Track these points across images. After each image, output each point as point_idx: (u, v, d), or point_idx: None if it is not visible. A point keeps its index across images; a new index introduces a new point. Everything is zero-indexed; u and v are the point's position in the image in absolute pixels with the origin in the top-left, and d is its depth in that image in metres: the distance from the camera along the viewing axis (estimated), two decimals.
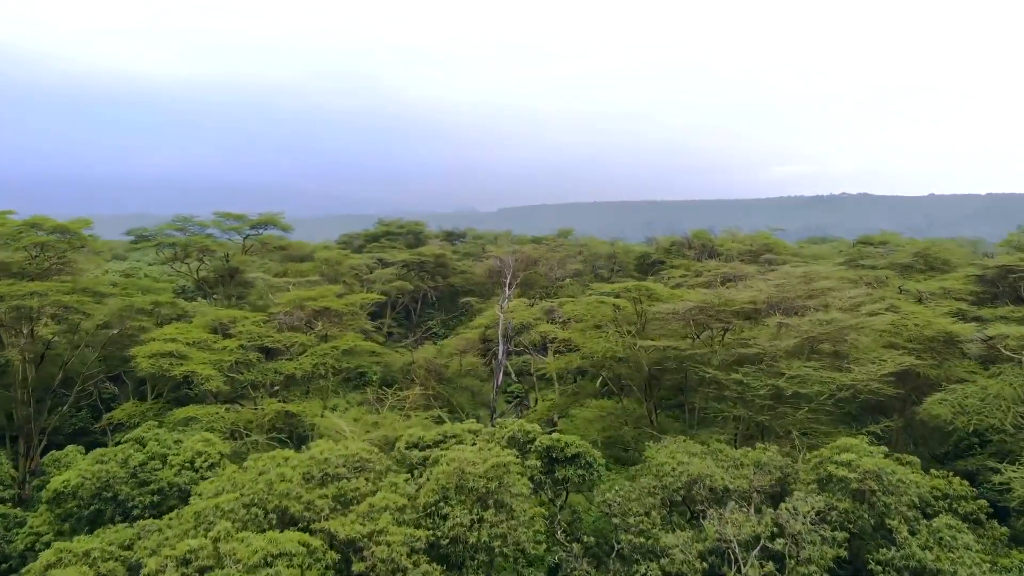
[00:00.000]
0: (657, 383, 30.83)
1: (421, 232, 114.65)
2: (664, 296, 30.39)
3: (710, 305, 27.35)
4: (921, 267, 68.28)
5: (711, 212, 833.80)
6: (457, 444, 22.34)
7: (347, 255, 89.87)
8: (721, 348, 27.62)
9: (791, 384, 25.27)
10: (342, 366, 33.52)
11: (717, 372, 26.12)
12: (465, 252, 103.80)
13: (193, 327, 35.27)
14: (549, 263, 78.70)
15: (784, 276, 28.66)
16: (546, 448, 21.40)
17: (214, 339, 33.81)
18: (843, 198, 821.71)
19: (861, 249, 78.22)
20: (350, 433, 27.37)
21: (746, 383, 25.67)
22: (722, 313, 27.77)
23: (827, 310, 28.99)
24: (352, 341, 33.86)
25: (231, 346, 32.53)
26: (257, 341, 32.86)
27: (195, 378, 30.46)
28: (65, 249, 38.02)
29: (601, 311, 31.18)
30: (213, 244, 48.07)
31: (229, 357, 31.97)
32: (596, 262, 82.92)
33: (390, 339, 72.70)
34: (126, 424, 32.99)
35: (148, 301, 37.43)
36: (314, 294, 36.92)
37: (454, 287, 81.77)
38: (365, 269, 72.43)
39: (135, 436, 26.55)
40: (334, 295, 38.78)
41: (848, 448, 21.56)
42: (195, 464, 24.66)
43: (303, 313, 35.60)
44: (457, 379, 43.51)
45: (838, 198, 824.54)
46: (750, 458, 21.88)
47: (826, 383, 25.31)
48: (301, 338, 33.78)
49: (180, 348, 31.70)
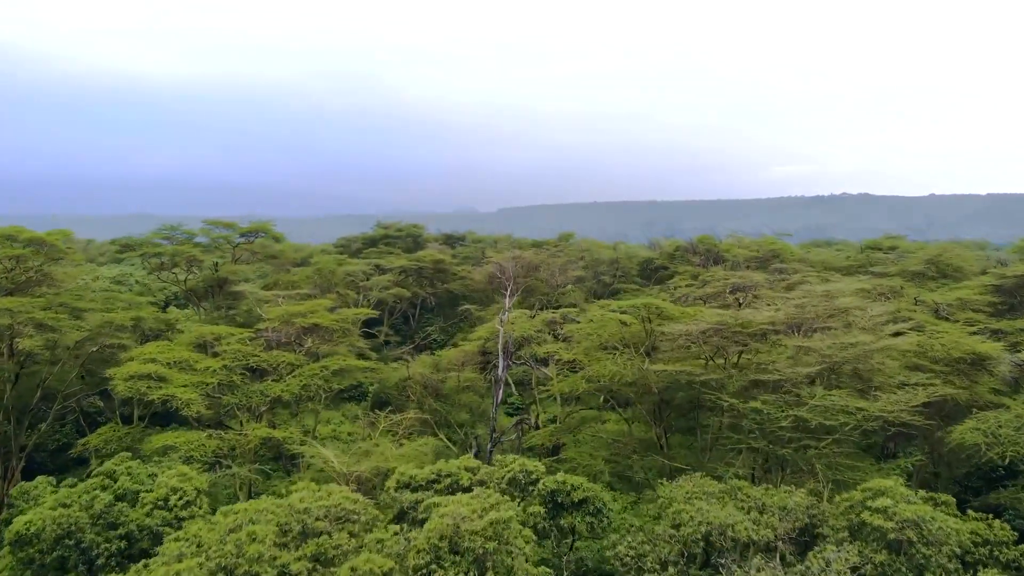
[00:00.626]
0: (667, 406, 28.90)
1: (420, 235, 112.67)
2: (675, 315, 28.45)
3: (726, 326, 25.40)
4: (933, 274, 66.40)
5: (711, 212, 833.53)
6: (452, 483, 20.42)
7: (344, 260, 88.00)
8: (737, 373, 25.67)
9: (815, 415, 23.33)
10: (333, 387, 31.58)
11: (734, 401, 24.18)
12: (464, 256, 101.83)
13: (176, 345, 33.36)
14: (550, 269, 76.71)
15: (805, 295, 26.65)
16: (551, 492, 19.49)
17: (197, 358, 31.88)
18: (843, 198, 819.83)
19: (870, 255, 76.35)
20: (338, 464, 25.42)
21: (766, 413, 23.75)
22: (739, 335, 25.82)
23: (850, 329, 27.07)
24: (342, 361, 31.91)
25: (214, 366, 30.60)
26: (242, 361, 30.91)
27: (174, 402, 28.51)
28: (42, 263, 36.09)
29: (608, 330, 29.25)
30: (201, 253, 46.16)
31: (212, 379, 30.03)
32: (598, 268, 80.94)
33: (387, 347, 70.84)
34: (102, 450, 31.09)
35: (128, 317, 35.50)
36: (303, 309, 34.97)
37: (453, 293, 79.84)
38: (362, 276, 70.55)
39: (106, 470, 24.64)
40: (325, 309, 36.82)
41: (883, 491, 19.63)
42: (169, 503, 22.74)
43: (292, 329, 33.65)
44: (455, 395, 41.55)
45: (838, 198, 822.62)
46: (774, 501, 19.94)
47: (854, 414, 23.37)
48: (289, 357, 31.83)
49: (159, 370, 29.78)
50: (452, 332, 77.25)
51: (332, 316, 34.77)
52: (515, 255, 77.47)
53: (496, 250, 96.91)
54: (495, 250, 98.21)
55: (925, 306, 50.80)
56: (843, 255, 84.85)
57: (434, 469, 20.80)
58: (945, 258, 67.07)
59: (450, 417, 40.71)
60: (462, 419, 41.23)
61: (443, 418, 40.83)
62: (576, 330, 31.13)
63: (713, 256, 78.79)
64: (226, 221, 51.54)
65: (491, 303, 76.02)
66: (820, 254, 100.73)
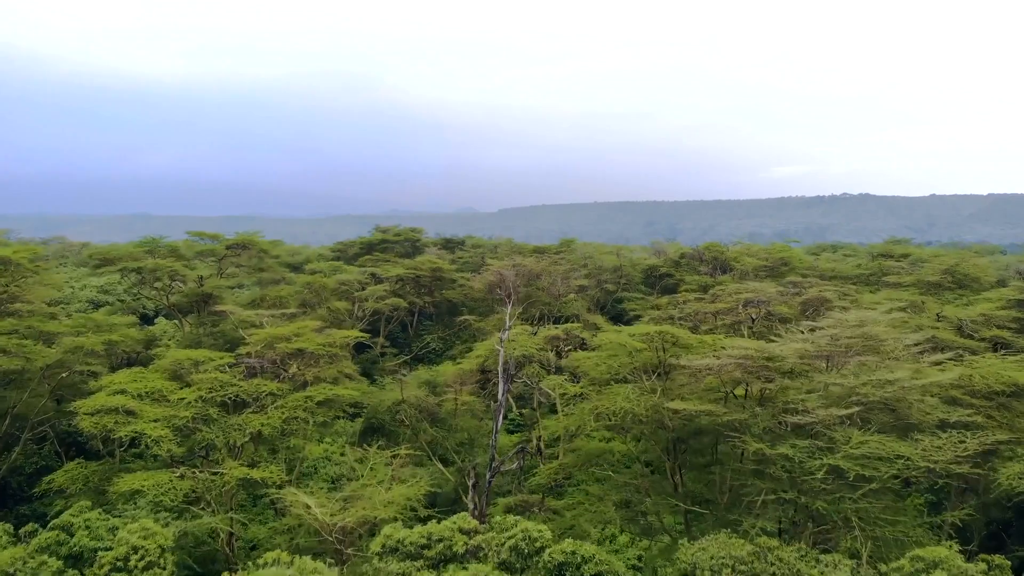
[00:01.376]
0: (683, 444, 26.40)
1: (418, 240, 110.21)
2: (692, 343, 25.94)
3: (752, 360, 22.91)
4: (949, 284, 64.00)
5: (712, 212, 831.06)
6: (445, 550, 17.93)
7: (340, 266, 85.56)
8: (762, 411, 23.16)
9: (853, 464, 20.84)
10: (318, 420, 29.07)
11: (762, 446, 21.67)
12: (464, 261, 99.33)
13: (150, 372, 30.85)
14: (552, 277, 74.22)
15: (836, 324, 24.15)
16: (558, 565, 17.01)
17: (172, 388, 29.38)
18: (844, 198, 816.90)
19: (882, 263, 73.98)
20: (320, 513, 22.94)
21: (797, 461, 21.25)
22: (765, 370, 23.33)
23: (886, 362, 24.58)
24: (328, 391, 29.40)
25: (189, 398, 28.09)
26: (219, 392, 28.39)
27: (143, 440, 26.02)
28: (7, 284, 33.61)
29: (618, 359, 26.76)
30: (183, 267, 43.62)
31: (185, 413, 27.52)
32: (601, 275, 78.43)
33: (383, 358, 68.37)
34: (68, 490, 28.60)
35: (100, 341, 33.02)
36: (288, 332, 32.44)
37: (452, 302, 77.35)
38: (357, 285, 68.08)
39: (63, 522, 22.17)
40: (312, 330, 34.31)
41: (937, 563, 17.15)
42: (129, 563, 20.25)
43: (275, 354, 31.15)
44: (452, 419, 39.07)
45: (839, 198, 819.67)
46: (813, 575, 17.47)
47: (896, 463, 20.88)
48: (270, 386, 29.31)
49: (128, 403, 27.28)
50: (451, 342, 74.82)
51: (319, 339, 32.24)
52: (515, 263, 75.12)
53: (496, 256, 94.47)
54: (495, 256, 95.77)
55: (947, 321, 48.44)
56: (853, 262, 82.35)
57: (425, 532, 18.35)
58: (962, 268, 64.72)
59: (447, 443, 38.23)
60: (460, 442, 38.77)
61: (439, 444, 38.36)
62: (584, 358, 28.63)
63: (720, 264, 76.31)
64: (211, 232, 48.99)
65: (491, 313, 73.58)
66: (829, 260, 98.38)
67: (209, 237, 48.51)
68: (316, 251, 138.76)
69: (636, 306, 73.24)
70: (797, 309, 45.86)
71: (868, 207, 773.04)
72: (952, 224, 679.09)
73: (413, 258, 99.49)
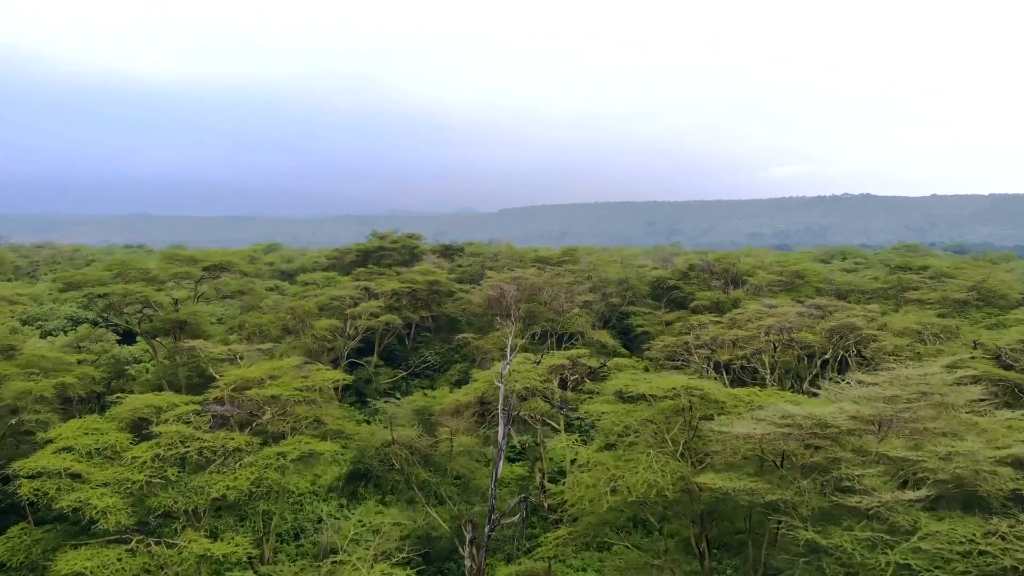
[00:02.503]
0: (712, 518, 22.80)
1: (416, 247, 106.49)
2: (723, 399, 22.33)
3: (800, 428, 19.34)
4: (976, 302, 60.50)
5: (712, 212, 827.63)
6: None
7: (333, 277, 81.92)
8: (811, 488, 19.55)
9: (924, 563, 17.28)
10: (289, 487, 25.45)
11: (814, 535, 18.08)
12: (463, 270, 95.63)
13: (105, 423, 27.25)
14: (554, 289, 70.62)
15: (894, 381, 20.55)
16: None
17: (126, 442, 25.81)
18: (845, 198, 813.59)
19: (901, 277, 70.35)
20: None
21: (858, 554, 17.69)
22: (814, 437, 19.75)
23: (947, 424, 21.00)
24: (305, 445, 25.80)
25: (145, 457, 24.50)
26: (178, 450, 24.79)
27: (87, 511, 22.43)
28: None
29: (637, 414, 23.19)
30: (155, 292, 39.95)
31: (139, 475, 23.94)
32: (606, 288, 74.77)
33: (377, 377, 64.78)
34: (8, 564, 24.99)
35: (52, 386, 29.45)
36: (263, 372, 28.84)
37: (450, 316, 73.73)
38: (349, 301, 64.48)
39: None
40: (292, 367, 30.73)
41: None
42: None
43: (246, 400, 27.57)
44: (447, 462, 35.47)
45: (840, 198, 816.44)
46: None
47: (976, 559, 17.31)
48: (238, 440, 25.72)
49: (74, 464, 23.72)
50: (450, 356, 71.18)
51: (298, 383, 28.63)
52: (516, 276, 71.54)
53: (496, 265, 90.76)
54: (495, 264, 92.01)
55: (983, 348, 44.98)
56: (869, 275, 78.58)
57: None
58: (989, 284, 61.22)
59: (441, 489, 34.65)
60: (454, 493, 35.19)
61: (433, 488, 34.78)
62: (594, 411, 25.01)
63: (731, 277, 72.75)
64: (187, 252, 45.21)
65: (491, 328, 70.00)
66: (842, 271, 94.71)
67: (184, 259, 44.65)
68: (312, 256, 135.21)
69: (643, 321, 69.73)
70: (822, 335, 42.29)
71: (869, 207, 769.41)
72: (953, 224, 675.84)
73: (411, 266, 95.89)
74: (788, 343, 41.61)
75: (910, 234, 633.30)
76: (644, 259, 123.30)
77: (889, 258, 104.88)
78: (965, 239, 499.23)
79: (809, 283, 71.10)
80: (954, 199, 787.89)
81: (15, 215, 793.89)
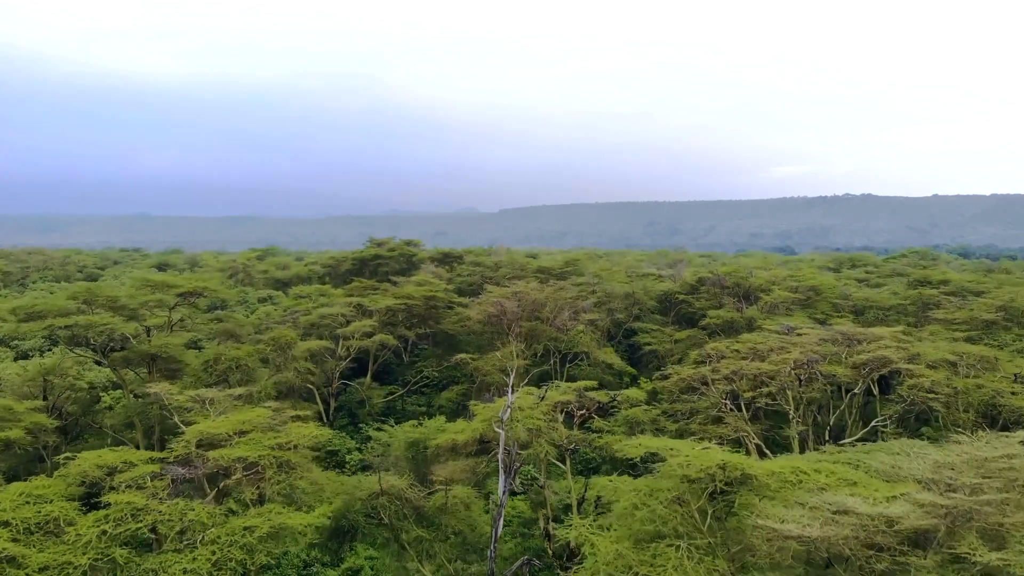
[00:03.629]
0: None
1: (414, 255, 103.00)
2: (762, 477, 18.86)
3: (865, 528, 15.90)
4: (1005, 322, 57.06)
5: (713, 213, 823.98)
6: None
7: (326, 291, 78.56)
8: None
9: None
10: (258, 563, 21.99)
11: None
12: (462, 280, 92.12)
13: (52, 487, 23.85)
14: (557, 305, 67.16)
15: (972, 464, 17.09)
16: None
17: (73, 512, 22.42)
18: (846, 199, 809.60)
19: (922, 292, 66.89)
20: None
21: None
22: (881, 534, 16.33)
23: None
24: (276, 517, 22.36)
25: (89, 535, 21.09)
26: (128, 525, 21.37)
27: None
28: None
29: (662, 494, 19.74)
30: (123, 323, 36.39)
31: (82, 559, 20.55)
32: (611, 304, 71.31)
33: (370, 400, 61.34)
34: None
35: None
36: (232, 426, 25.40)
37: (448, 333, 70.25)
38: (341, 319, 61.05)
39: None
40: (265, 418, 27.29)
41: None
42: None
43: (211, 461, 24.13)
44: (441, 517, 32.00)
45: (841, 199, 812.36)
46: None
47: None
48: (199, 512, 22.28)
49: (6, 546, 20.31)
50: (449, 372, 67.59)
51: (271, 438, 25.18)
52: (517, 292, 68.13)
53: (496, 275, 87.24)
54: (495, 273, 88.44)
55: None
56: (887, 290, 74.84)
57: None
58: (1018, 303, 57.72)
59: (435, 548, 31.20)
60: (450, 550, 31.74)
61: (425, 549, 31.32)
62: (612, 492, 21.54)
63: (743, 292, 69.26)
64: (161, 277, 41.61)
65: (490, 347, 66.61)
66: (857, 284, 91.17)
67: (157, 284, 41.06)
68: (308, 262, 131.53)
69: (652, 339, 66.33)
70: (850, 368, 38.80)
71: (870, 208, 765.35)
72: (955, 225, 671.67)
73: (408, 274, 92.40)
74: (813, 375, 38.15)
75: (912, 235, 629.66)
76: (649, 266, 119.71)
77: (903, 269, 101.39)
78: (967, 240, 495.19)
79: (825, 299, 67.68)
80: (956, 199, 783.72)
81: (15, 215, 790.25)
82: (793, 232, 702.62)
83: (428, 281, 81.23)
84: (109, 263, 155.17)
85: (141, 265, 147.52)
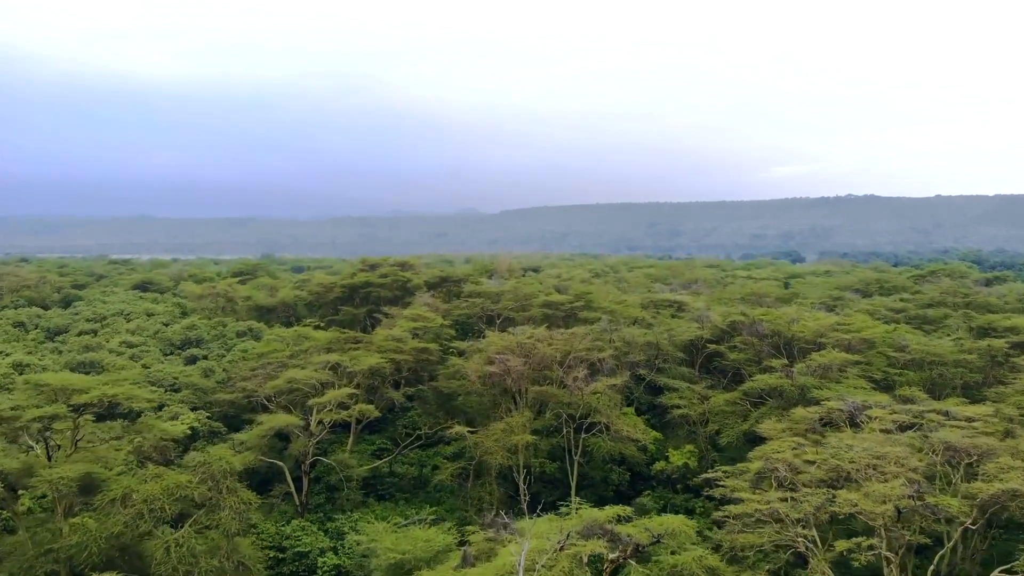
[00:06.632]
0: None
1: (409, 281, 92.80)
2: None
3: None
4: None
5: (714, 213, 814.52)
6: None
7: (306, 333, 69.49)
8: None
9: None
10: None
11: None
12: (460, 312, 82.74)
13: None
14: (568, 361, 57.95)
15: None
16: None
17: None
18: (849, 199, 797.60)
19: (992, 345, 57.47)
20: None
21: None
22: None
23: None
24: None
25: None
26: None
27: None
28: None
29: None
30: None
31: None
32: (632, 357, 61.93)
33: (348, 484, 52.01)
34: None
35: None
36: None
37: (443, 392, 61.00)
38: (316, 386, 51.80)
39: None
40: None
41: None
42: None
43: None
44: None
45: (844, 199, 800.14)
46: None
47: None
48: None
49: None
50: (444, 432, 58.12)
51: None
52: (522, 344, 58.90)
53: (497, 308, 77.98)
54: (495, 306, 79.08)
55: None
56: (948, 341, 64.49)
57: None
58: None
59: None
60: None
61: None
62: None
63: (784, 341, 59.93)
64: (61, 380, 30.94)
65: (493, 411, 57.51)
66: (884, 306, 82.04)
67: (57, 389, 30.40)
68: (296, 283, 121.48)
69: (681, 400, 57.15)
70: (964, 498, 29.47)
71: (873, 208, 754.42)
72: (959, 226, 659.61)
73: (402, 303, 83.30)
74: (915, 510, 28.79)
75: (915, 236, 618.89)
76: (663, 288, 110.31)
77: (944, 298, 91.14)
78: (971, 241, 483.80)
79: (881, 353, 58.44)
80: (959, 200, 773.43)
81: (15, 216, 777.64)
82: (795, 233, 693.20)
83: (423, 316, 72.31)
84: (92, 279, 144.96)
85: (125, 281, 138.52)
